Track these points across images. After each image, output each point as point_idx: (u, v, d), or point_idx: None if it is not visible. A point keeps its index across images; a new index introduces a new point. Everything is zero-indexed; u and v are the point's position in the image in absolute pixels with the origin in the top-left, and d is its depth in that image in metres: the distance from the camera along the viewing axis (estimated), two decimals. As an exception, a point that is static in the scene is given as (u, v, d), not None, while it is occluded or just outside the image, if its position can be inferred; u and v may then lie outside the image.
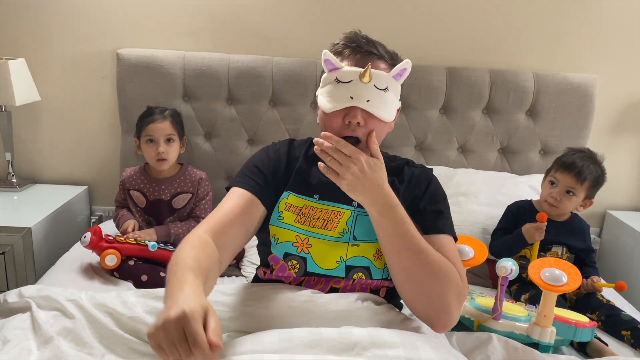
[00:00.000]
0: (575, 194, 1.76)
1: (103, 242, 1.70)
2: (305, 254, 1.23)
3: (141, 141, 1.88)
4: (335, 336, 1.02)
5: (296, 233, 1.23)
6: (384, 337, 1.02)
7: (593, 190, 1.79)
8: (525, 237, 1.76)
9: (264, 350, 1.00)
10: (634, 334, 1.56)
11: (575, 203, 1.79)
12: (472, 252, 1.46)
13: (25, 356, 1.13)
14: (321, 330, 1.05)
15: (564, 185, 1.77)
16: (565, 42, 2.35)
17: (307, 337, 1.02)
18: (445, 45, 2.34)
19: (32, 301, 1.31)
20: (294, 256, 1.24)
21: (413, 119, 2.30)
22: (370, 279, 1.23)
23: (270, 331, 1.07)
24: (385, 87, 1.17)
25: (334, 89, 1.18)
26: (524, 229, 1.77)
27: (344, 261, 1.22)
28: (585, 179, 1.74)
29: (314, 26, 2.29)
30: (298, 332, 1.05)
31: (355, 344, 1.00)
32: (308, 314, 1.16)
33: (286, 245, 1.24)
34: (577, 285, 1.37)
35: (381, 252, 1.20)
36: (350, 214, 1.23)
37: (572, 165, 1.76)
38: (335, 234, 1.23)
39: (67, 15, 2.24)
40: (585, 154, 1.80)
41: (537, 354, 1.29)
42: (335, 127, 1.18)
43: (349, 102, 1.15)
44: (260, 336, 1.06)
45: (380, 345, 1.00)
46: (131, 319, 1.20)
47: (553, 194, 1.78)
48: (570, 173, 1.75)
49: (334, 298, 1.19)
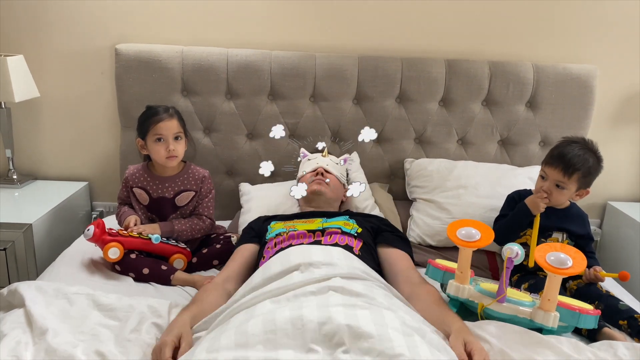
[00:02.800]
0: (564, 187, 1.75)
1: (106, 235, 1.70)
2: (292, 229, 1.70)
3: (148, 140, 1.85)
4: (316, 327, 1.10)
5: (284, 224, 1.77)
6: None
7: (585, 180, 1.76)
8: (530, 208, 1.77)
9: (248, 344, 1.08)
10: (630, 323, 1.56)
11: (567, 195, 1.78)
12: (479, 234, 1.46)
13: (22, 349, 1.19)
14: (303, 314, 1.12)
15: (552, 180, 1.76)
16: (564, 33, 2.35)
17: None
18: (444, 37, 2.33)
19: (26, 296, 1.34)
20: (284, 231, 1.71)
21: (412, 112, 2.30)
22: (342, 234, 1.66)
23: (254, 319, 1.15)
24: (336, 162, 2.03)
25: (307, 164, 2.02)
26: (528, 200, 1.79)
27: (322, 227, 1.71)
28: (574, 172, 1.72)
29: (313, 20, 2.28)
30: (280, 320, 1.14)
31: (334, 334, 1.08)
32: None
33: (277, 231, 1.71)
34: (582, 269, 1.37)
35: (348, 223, 1.73)
36: (321, 219, 1.77)
37: (559, 159, 1.74)
38: (313, 226, 1.72)
39: (65, 11, 2.24)
40: (578, 144, 1.78)
41: (537, 334, 1.30)
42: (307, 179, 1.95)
43: (315, 165, 1.98)
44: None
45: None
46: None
47: (544, 188, 1.78)
48: (558, 167, 1.74)
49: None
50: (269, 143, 2.29)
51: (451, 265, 1.56)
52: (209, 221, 1.95)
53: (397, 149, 2.34)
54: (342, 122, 2.30)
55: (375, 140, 2.35)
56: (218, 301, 1.44)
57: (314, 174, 1.96)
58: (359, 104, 2.29)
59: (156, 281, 1.71)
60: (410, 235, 2.12)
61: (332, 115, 2.29)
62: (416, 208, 2.19)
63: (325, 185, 1.92)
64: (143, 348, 1.26)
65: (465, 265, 1.45)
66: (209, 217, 1.95)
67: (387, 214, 2.13)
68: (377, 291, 1.29)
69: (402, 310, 1.24)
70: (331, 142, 2.30)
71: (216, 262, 1.88)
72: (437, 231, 2.06)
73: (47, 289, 1.45)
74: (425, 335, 1.14)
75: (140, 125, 1.87)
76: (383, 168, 2.36)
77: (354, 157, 2.26)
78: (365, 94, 2.27)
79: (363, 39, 2.32)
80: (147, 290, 1.66)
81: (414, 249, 1.96)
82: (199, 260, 1.87)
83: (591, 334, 1.52)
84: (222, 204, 2.27)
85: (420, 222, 2.12)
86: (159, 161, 1.87)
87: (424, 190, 2.20)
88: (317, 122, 2.29)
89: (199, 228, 1.92)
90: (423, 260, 1.93)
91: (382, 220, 1.90)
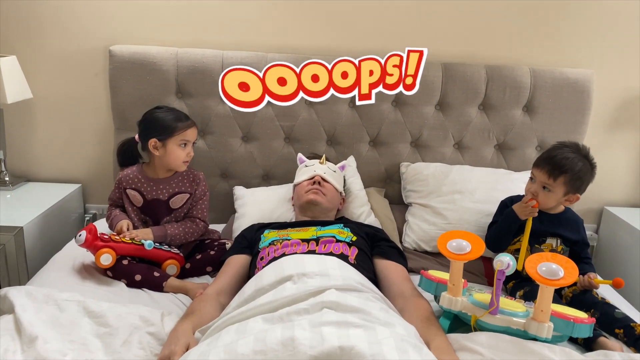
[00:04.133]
0: (550, 189, 1.75)
1: (98, 241, 1.67)
2: (286, 238, 1.69)
3: (170, 143, 1.82)
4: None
5: (278, 232, 1.76)
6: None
7: (574, 185, 1.74)
8: (517, 213, 1.78)
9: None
10: (626, 332, 1.55)
11: (554, 198, 1.76)
12: (469, 247, 1.44)
13: (10, 357, 1.17)
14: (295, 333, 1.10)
15: (539, 182, 1.76)
16: (561, 37, 2.34)
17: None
18: (440, 40, 2.32)
19: (16, 302, 1.33)
20: (278, 240, 1.69)
21: (408, 116, 2.29)
22: (337, 242, 1.65)
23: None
24: (334, 170, 2.01)
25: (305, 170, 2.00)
26: (515, 206, 1.80)
27: (316, 235, 1.70)
28: (560, 175, 1.71)
29: (308, 22, 2.26)
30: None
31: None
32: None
33: (271, 240, 1.70)
34: (574, 280, 1.35)
35: (342, 231, 1.72)
36: (315, 228, 1.76)
37: (545, 162, 1.74)
38: (307, 235, 1.71)
39: (59, 12, 2.22)
40: (569, 148, 1.77)
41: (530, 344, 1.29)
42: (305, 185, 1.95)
43: (313, 173, 1.96)
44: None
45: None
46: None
47: (531, 190, 1.78)
48: (544, 169, 1.74)
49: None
50: (264, 146, 2.27)
51: (444, 276, 1.54)
52: (202, 224, 1.93)
53: (393, 152, 2.33)
54: (337, 125, 2.28)
55: (371, 144, 2.33)
56: (215, 312, 1.44)
57: (310, 182, 1.93)
58: (355, 107, 2.28)
59: (148, 287, 1.69)
60: (406, 241, 2.10)
61: (328, 119, 2.27)
62: (412, 213, 2.18)
63: (321, 195, 1.89)
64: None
65: (457, 278, 1.43)
66: (202, 219, 1.93)
67: (383, 220, 2.12)
68: (373, 304, 1.27)
69: (398, 324, 1.21)
70: (327, 146, 2.28)
71: (210, 269, 1.86)
72: (433, 237, 2.04)
73: (37, 295, 1.43)
74: (421, 350, 1.13)
75: (163, 127, 1.82)
76: (379, 172, 2.35)
77: (351, 161, 2.24)
78: (361, 97, 2.25)
79: (358, 41, 2.30)
80: (140, 297, 1.64)
81: (409, 255, 1.97)
82: (193, 266, 1.85)
83: (587, 343, 1.50)
84: (216, 207, 2.26)
85: (415, 227, 2.11)
86: (172, 164, 1.85)
87: (419, 194, 2.19)
88: (312, 126, 2.27)
89: (192, 231, 1.90)
90: (419, 267, 1.92)
91: (377, 229, 1.89)
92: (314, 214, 1.90)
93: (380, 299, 1.38)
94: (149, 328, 1.36)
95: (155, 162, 1.89)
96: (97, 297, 1.49)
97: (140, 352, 1.27)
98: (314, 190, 1.90)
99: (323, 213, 1.91)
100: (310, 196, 1.88)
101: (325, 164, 1.99)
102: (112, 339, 1.29)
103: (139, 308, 1.44)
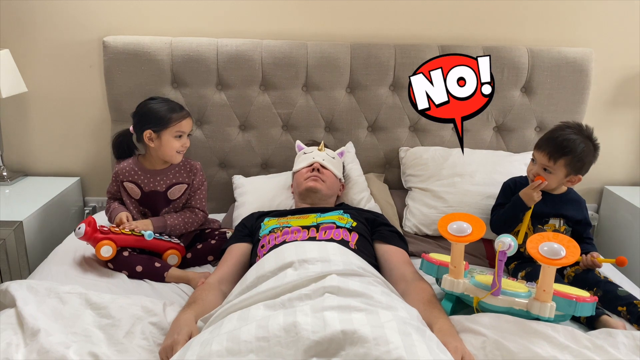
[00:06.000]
0: (551, 171, 1.74)
1: (98, 233, 1.67)
2: (286, 225, 1.68)
3: (165, 134, 1.81)
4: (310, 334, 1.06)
5: (278, 220, 1.73)
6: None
7: (575, 166, 1.73)
8: (524, 200, 1.76)
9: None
10: (629, 309, 1.55)
11: (556, 180, 1.76)
12: (470, 229, 1.44)
13: (13, 351, 1.18)
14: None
15: (540, 164, 1.75)
16: (559, 16, 2.31)
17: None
18: (437, 22, 2.29)
19: (17, 296, 1.33)
20: (278, 228, 1.68)
21: (406, 99, 2.25)
22: (337, 228, 1.64)
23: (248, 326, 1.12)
24: (333, 157, 2.00)
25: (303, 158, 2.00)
26: (521, 192, 1.78)
27: (316, 222, 1.69)
28: (561, 157, 1.70)
29: (304, 7, 2.23)
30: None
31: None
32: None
33: (271, 227, 1.69)
34: (576, 259, 1.35)
35: (342, 217, 1.71)
36: (315, 215, 1.75)
37: (546, 143, 1.73)
38: (308, 222, 1.69)
39: (52, 4, 2.19)
40: (572, 129, 1.76)
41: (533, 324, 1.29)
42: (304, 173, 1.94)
43: (311, 160, 1.95)
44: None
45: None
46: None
47: (532, 171, 1.78)
48: (544, 151, 1.73)
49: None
50: (262, 134, 2.26)
51: (445, 259, 1.54)
52: (201, 214, 1.93)
53: (392, 137, 2.32)
54: (335, 111, 2.26)
55: (370, 130, 2.32)
56: (217, 301, 1.44)
57: (309, 170, 1.93)
58: (353, 93, 2.26)
59: (150, 278, 1.69)
60: (407, 225, 2.10)
61: (326, 105, 2.25)
62: (412, 197, 2.17)
63: (320, 182, 1.89)
64: (137, 351, 1.24)
65: (458, 260, 1.43)
66: (201, 209, 1.93)
67: (383, 205, 2.11)
68: (375, 288, 1.27)
69: (400, 307, 1.21)
70: (325, 133, 2.27)
71: (211, 258, 1.86)
72: (433, 220, 2.04)
73: (38, 289, 1.43)
74: (424, 333, 1.12)
75: (157, 118, 1.82)
76: (378, 157, 2.34)
77: (350, 147, 2.23)
78: (359, 83, 2.24)
79: (355, 26, 2.28)
80: (142, 287, 1.64)
81: (410, 239, 1.96)
82: (194, 256, 1.85)
83: (590, 321, 1.50)
84: (215, 196, 2.25)
85: (416, 211, 2.10)
86: (167, 155, 1.85)
87: (419, 179, 2.18)
88: (310, 112, 2.25)
89: (191, 221, 1.90)
90: (420, 250, 1.92)
91: (377, 214, 1.88)
92: (314, 200, 1.90)
93: (382, 282, 1.38)
94: (151, 318, 1.36)
95: (151, 154, 1.88)
96: (98, 289, 1.49)
97: (143, 343, 1.28)
98: (313, 177, 1.89)
99: (323, 200, 1.91)
100: (309, 183, 1.88)
101: (324, 151, 1.99)
102: (115, 330, 1.29)
103: (141, 299, 1.44)
